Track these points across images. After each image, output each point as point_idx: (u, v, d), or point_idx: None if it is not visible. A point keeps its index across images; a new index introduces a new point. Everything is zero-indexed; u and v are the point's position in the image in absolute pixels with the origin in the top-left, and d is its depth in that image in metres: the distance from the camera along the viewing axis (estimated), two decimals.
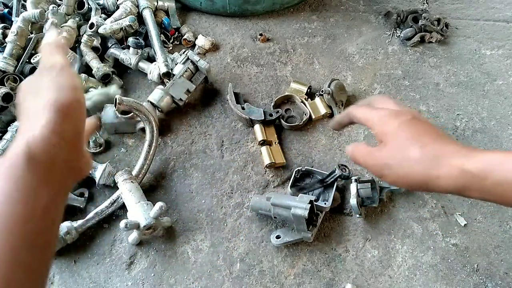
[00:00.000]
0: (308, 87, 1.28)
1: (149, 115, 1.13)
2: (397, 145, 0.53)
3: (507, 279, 0.98)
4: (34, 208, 0.41)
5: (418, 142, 0.51)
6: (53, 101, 0.45)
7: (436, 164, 0.49)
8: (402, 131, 0.53)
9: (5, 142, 1.14)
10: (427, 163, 0.49)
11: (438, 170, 0.49)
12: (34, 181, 0.42)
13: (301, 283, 0.98)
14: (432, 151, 0.50)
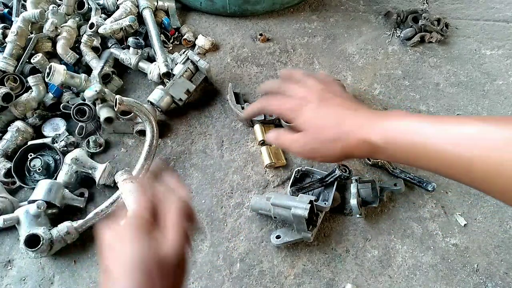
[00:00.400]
0: None
1: (149, 115, 1.13)
2: (316, 130, 0.59)
3: (507, 279, 0.98)
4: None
5: (331, 122, 0.58)
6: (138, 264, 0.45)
7: (347, 139, 0.55)
8: (315, 118, 0.59)
9: (5, 142, 1.14)
10: (342, 140, 0.56)
11: (351, 144, 0.55)
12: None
13: (301, 283, 0.98)
14: (344, 127, 0.56)
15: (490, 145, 0.42)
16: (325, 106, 0.60)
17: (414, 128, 0.50)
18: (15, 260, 1.02)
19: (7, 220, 0.96)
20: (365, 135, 0.54)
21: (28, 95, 1.20)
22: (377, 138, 0.53)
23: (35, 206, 0.97)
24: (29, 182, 1.12)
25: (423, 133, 0.48)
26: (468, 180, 0.46)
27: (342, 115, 0.58)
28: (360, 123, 0.55)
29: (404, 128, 0.51)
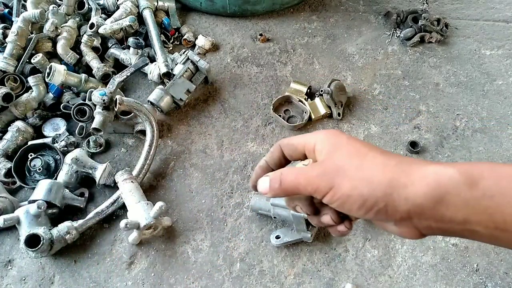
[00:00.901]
0: (308, 87, 1.28)
1: (149, 115, 1.13)
2: (352, 151, 0.43)
3: (507, 279, 0.98)
4: None
5: (377, 150, 0.43)
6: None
7: (404, 170, 0.40)
8: (355, 142, 0.44)
9: (6, 142, 1.14)
10: (391, 168, 0.40)
11: (408, 176, 0.39)
12: None
13: (301, 283, 0.98)
14: (396, 157, 0.41)
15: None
16: (354, 141, 0.46)
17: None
18: (15, 260, 1.02)
19: (7, 220, 0.96)
20: (436, 168, 0.39)
21: (28, 95, 1.20)
22: (457, 171, 0.38)
23: (35, 206, 0.97)
24: (29, 182, 1.12)
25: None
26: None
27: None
28: (423, 161, 0.42)
29: (492, 165, 0.38)
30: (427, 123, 1.26)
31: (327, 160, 0.43)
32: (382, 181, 0.39)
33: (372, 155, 0.42)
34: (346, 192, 0.40)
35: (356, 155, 0.42)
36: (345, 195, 0.41)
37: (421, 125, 1.26)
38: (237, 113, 1.28)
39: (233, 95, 1.32)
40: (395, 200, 0.39)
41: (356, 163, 0.41)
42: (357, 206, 0.40)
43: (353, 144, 0.43)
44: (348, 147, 0.43)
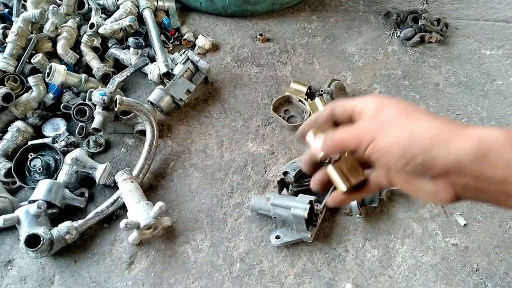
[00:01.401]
0: (308, 87, 1.28)
1: (149, 115, 1.13)
2: (399, 110, 0.44)
3: (507, 279, 0.98)
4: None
5: (424, 111, 0.44)
6: None
7: (448, 128, 0.40)
8: (403, 102, 0.45)
9: (6, 142, 1.14)
10: (437, 125, 0.41)
11: (452, 133, 0.39)
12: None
13: (301, 282, 0.98)
14: (442, 118, 0.42)
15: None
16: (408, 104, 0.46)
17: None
18: (15, 260, 1.02)
19: (8, 220, 0.96)
20: (482, 129, 0.39)
21: (28, 95, 1.20)
22: (502, 133, 0.38)
23: (35, 206, 0.97)
24: (29, 182, 1.12)
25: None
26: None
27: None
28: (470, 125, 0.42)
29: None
30: None
31: (373, 116, 0.45)
32: (425, 136, 0.40)
33: (418, 114, 0.43)
34: (387, 144, 0.42)
35: (402, 113, 0.43)
36: (385, 147, 0.42)
37: None
38: (237, 113, 1.28)
39: (233, 95, 1.32)
40: (435, 154, 0.39)
41: (401, 119, 0.43)
42: (396, 158, 0.41)
43: (400, 105, 0.44)
44: (395, 107, 0.44)
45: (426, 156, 0.40)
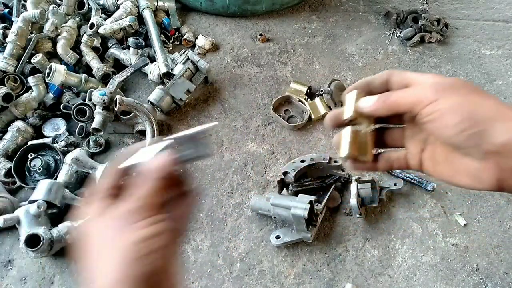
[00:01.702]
0: (308, 87, 1.28)
1: (149, 115, 1.13)
2: (462, 83, 0.42)
3: (507, 279, 0.98)
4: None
5: (484, 90, 0.43)
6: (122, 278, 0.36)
7: (510, 109, 0.40)
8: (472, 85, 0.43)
9: (6, 142, 1.14)
10: (502, 104, 0.40)
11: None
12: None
13: (301, 282, 0.98)
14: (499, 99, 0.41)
15: None
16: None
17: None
18: (15, 260, 1.02)
19: (8, 220, 0.96)
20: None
21: (28, 95, 1.20)
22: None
23: (35, 206, 0.97)
24: (29, 182, 1.12)
25: None
26: None
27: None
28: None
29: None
30: None
31: (436, 83, 0.42)
32: (489, 108, 0.39)
33: (480, 90, 0.42)
34: (449, 106, 0.40)
35: (466, 86, 0.42)
36: (447, 109, 0.40)
37: None
38: (237, 113, 1.28)
39: (233, 95, 1.32)
40: (495, 128, 0.38)
41: (465, 91, 0.41)
42: (455, 122, 0.39)
43: (462, 81, 0.43)
44: (457, 81, 0.42)
45: (486, 126, 0.38)
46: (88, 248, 0.40)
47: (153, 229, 0.38)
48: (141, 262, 0.37)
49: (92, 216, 0.41)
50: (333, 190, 1.07)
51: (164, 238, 0.39)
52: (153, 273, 0.37)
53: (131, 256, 0.37)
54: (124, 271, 0.36)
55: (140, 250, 0.37)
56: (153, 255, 0.37)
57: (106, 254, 0.39)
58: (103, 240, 0.39)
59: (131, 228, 0.38)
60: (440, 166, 0.46)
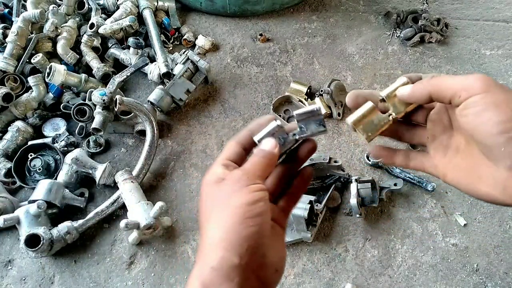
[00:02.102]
0: (308, 87, 1.28)
1: (149, 115, 1.13)
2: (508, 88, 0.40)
3: (507, 279, 0.98)
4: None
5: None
6: (224, 245, 0.38)
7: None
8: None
9: (6, 142, 1.14)
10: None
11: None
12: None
13: (301, 282, 0.98)
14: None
15: None
16: None
17: None
18: (15, 260, 1.02)
19: (8, 220, 0.96)
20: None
21: (28, 95, 1.20)
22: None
23: (35, 206, 0.97)
24: (29, 182, 1.12)
25: None
26: None
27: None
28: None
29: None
30: None
31: (484, 77, 0.39)
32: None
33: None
34: (498, 100, 0.37)
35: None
36: (494, 103, 0.37)
37: None
38: (237, 113, 1.28)
39: (233, 95, 1.32)
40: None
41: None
42: (499, 120, 0.36)
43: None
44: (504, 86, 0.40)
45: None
46: (203, 208, 0.44)
47: (256, 195, 0.41)
48: (244, 224, 0.39)
49: (211, 179, 0.44)
50: (333, 190, 1.07)
51: (264, 206, 0.41)
52: (252, 236, 0.39)
53: (235, 218, 0.39)
54: (228, 231, 0.39)
55: (244, 213, 0.39)
56: (255, 219, 0.40)
57: (215, 214, 0.41)
58: (216, 201, 0.42)
59: (238, 193, 0.41)
60: (460, 172, 0.43)
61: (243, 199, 0.40)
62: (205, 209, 0.44)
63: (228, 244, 0.38)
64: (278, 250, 0.44)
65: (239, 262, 0.38)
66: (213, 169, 0.45)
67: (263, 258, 0.41)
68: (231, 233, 0.39)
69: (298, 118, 0.46)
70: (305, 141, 0.48)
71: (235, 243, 0.38)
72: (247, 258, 0.38)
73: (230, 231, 0.39)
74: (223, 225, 0.40)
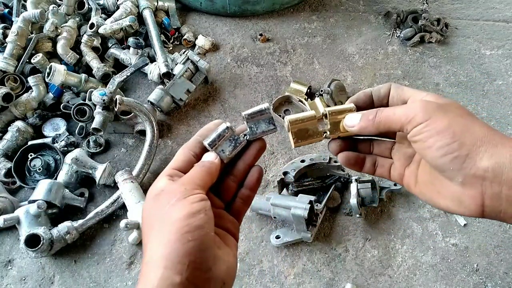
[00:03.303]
0: (308, 87, 1.28)
1: (149, 115, 1.13)
2: (456, 105, 0.43)
3: (507, 279, 0.98)
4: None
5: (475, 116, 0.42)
6: (166, 256, 0.37)
7: (501, 134, 0.40)
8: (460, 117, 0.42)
9: (6, 142, 1.14)
10: (491, 129, 0.41)
11: (503, 138, 0.40)
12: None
13: (301, 282, 0.98)
14: (489, 126, 0.42)
15: None
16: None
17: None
18: (15, 260, 1.02)
19: (8, 220, 0.96)
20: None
21: (28, 95, 1.20)
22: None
23: (35, 206, 0.97)
24: (29, 182, 1.12)
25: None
26: None
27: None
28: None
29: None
30: None
31: (431, 101, 0.43)
32: (477, 132, 0.40)
33: (473, 116, 0.42)
34: (440, 127, 0.40)
35: (459, 108, 0.42)
36: (436, 129, 0.40)
37: None
38: (237, 113, 1.28)
39: (233, 95, 1.32)
40: (480, 153, 0.39)
41: (459, 112, 0.42)
42: (441, 144, 0.40)
43: (457, 104, 0.43)
44: (452, 104, 0.43)
45: (471, 151, 0.39)
46: (144, 223, 0.42)
47: (195, 207, 0.39)
48: (183, 239, 0.37)
49: (151, 192, 0.43)
50: (333, 190, 1.07)
51: (204, 217, 0.39)
52: (193, 252, 0.38)
53: (174, 234, 0.38)
54: (167, 248, 0.37)
55: (183, 227, 0.38)
56: (194, 233, 0.38)
57: (155, 231, 0.40)
58: (154, 216, 0.41)
59: (175, 206, 0.39)
60: (422, 185, 0.46)
61: (181, 212, 0.39)
62: (145, 224, 0.42)
63: (168, 262, 0.37)
64: (226, 261, 0.42)
65: (180, 280, 0.36)
66: (156, 181, 0.43)
67: (207, 272, 0.39)
68: (170, 250, 0.37)
69: (248, 118, 0.46)
70: (254, 141, 0.48)
71: (175, 260, 0.37)
72: (188, 275, 0.37)
73: (169, 248, 0.37)
74: (162, 241, 0.38)
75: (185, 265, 0.37)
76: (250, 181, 0.49)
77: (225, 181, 0.49)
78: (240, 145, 0.47)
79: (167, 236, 0.38)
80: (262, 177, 0.50)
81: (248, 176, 0.49)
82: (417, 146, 0.42)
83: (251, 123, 0.46)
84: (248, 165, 0.49)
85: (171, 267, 0.37)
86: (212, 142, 0.46)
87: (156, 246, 0.38)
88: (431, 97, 0.45)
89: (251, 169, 0.49)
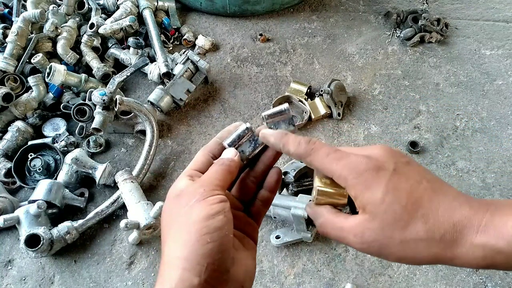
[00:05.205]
0: (308, 87, 1.28)
1: (149, 115, 1.13)
2: (390, 219, 0.39)
3: (507, 279, 0.98)
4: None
5: (418, 213, 0.39)
6: (185, 257, 0.37)
7: (450, 244, 0.38)
8: (393, 197, 0.39)
9: (6, 142, 1.14)
10: (437, 243, 0.38)
11: (455, 250, 0.38)
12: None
13: (301, 282, 0.98)
14: (440, 226, 0.38)
15: None
16: (409, 175, 0.40)
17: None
18: (15, 260, 1.02)
19: (8, 220, 0.96)
20: (482, 240, 0.37)
21: (28, 95, 1.20)
22: (500, 243, 0.36)
23: (35, 206, 0.97)
24: (29, 182, 1.12)
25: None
26: None
27: (434, 194, 0.39)
28: (467, 217, 0.38)
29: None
30: (427, 123, 1.26)
31: (366, 228, 0.40)
32: (426, 258, 0.39)
33: (413, 227, 0.39)
34: (395, 261, 0.41)
35: (394, 226, 0.39)
36: (395, 261, 0.41)
37: (421, 125, 1.26)
38: (237, 113, 1.28)
39: (233, 95, 1.32)
40: (444, 263, 0.40)
41: (398, 237, 0.39)
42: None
43: (390, 205, 0.39)
44: (383, 215, 0.39)
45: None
46: (163, 224, 0.42)
47: (214, 208, 0.39)
48: (202, 241, 0.37)
49: (172, 193, 0.42)
50: None
51: (223, 219, 0.39)
52: (211, 253, 0.37)
53: (193, 235, 0.38)
54: (186, 249, 0.37)
55: (202, 229, 0.38)
56: (213, 234, 0.38)
57: (173, 231, 0.40)
58: (174, 217, 0.41)
59: (194, 207, 0.39)
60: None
61: (200, 213, 0.38)
62: (165, 225, 0.42)
63: (187, 263, 0.37)
64: (245, 264, 0.41)
65: (199, 282, 0.36)
66: (176, 182, 0.43)
67: (226, 274, 0.39)
68: (189, 251, 0.37)
69: (267, 119, 0.45)
70: None
71: (193, 261, 0.37)
72: (207, 276, 0.37)
73: (188, 249, 0.37)
74: (181, 243, 0.38)
75: (204, 266, 0.37)
76: (269, 182, 0.48)
77: (245, 182, 0.48)
78: (259, 146, 0.47)
79: (186, 237, 0.38)
80: (281, 179, 0.49)
81: (267, 178, 0.48)
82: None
83: (271, 124, 0.46)
84: (267, 166, 0.48)
85: (189, 269, 0.37)
86: (231, 142, 0.46)
87: (175, 247, 0.38)
88: (356, 175, 0.41)
89: (270, 171, 0.49)
